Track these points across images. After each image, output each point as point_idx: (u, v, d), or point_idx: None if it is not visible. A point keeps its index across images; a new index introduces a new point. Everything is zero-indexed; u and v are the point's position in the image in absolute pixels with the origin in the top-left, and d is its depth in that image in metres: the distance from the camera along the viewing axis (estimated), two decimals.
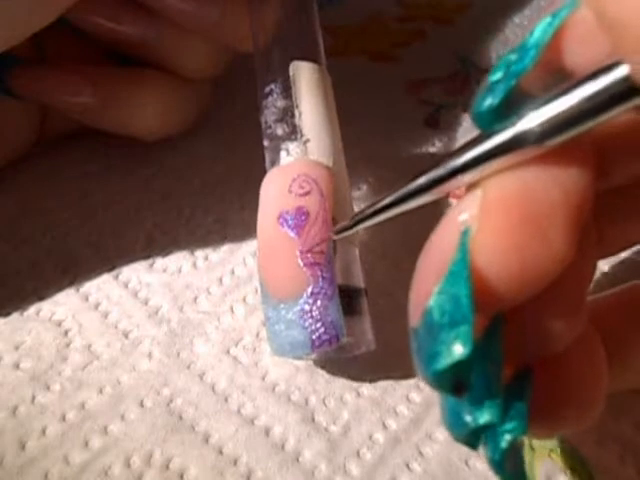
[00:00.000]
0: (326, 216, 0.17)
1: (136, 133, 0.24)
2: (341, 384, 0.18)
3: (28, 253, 0.21)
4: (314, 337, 0.16)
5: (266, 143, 0.19)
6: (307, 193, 0.17)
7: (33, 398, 0.17)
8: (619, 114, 0.10)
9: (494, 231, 0.11)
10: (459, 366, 0.11)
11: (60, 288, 0.20)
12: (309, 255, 0.16)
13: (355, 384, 0.18)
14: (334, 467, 0.16)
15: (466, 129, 0.27)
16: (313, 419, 0.17)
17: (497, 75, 0.12)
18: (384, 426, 0.17)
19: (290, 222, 0.17)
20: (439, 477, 0.16)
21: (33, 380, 0.18)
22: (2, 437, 0.16)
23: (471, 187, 0.12)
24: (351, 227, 0.15)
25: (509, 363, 0.12)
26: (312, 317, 0.16)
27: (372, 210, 0.14)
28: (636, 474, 0.16)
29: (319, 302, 0.16)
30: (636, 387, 0.16)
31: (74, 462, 0.16)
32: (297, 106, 0.18)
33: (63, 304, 0.20)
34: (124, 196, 0.24)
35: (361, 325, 0.17)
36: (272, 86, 0.19)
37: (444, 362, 0.11)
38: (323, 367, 0.18)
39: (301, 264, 0.16)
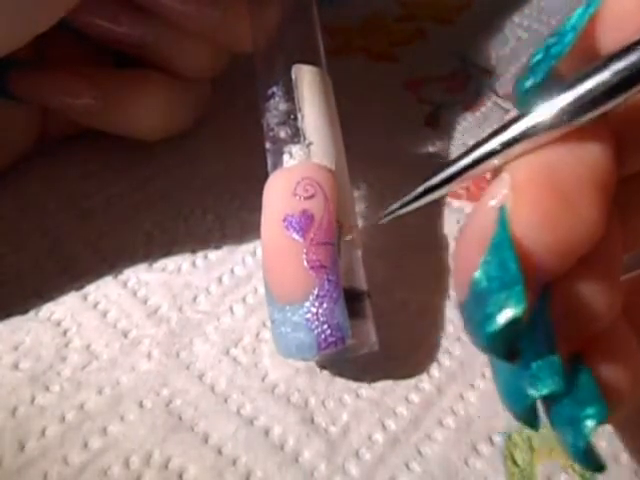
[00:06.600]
0: (331, 219, 0.17)
1: (136, 134, 0.24)
2: (340, 385, 0.18)
3: (28, 253, 0.21)
4: (320, 339, 0.16)
5: (268, 146, 0.19)
6: (312, 196, 0.17)
7: (32, 399, 0.17)
8: None
9: (527, 205, 0.11)
10: (513, 327, 0.11)
11: (60, 288, 0.20)
12: (315, 258, 0.16)
13: (354, 385, 0.18)
14: (333, 467, 0.16)
15: (466, 128, 0.27)
16: (312, 420, 0.17)
17: (537, 57, 0.12)
18: (383, 427, 0.17)
19: (295, 225, 0.17)
20: (438, 477, 0.16)
21: (32, 381, 0.18)
22: (1, 438, 0.16)
23: (495, 174, 0.12)
24: (398, 209, 0.15)
25: (561, 344, 0.12)
26: (318, 319, 0.16)
27: (414, 195, 0.14)
28: (634, 473, 0.16)
29: (325, 304, 0.16)
30: None
31: (73, 463, 0.16)
32: (300, 109, 0.18)
33: (62, 303, 0.20)
34: (124, 196, 0.24)
35: (365, 327, 0.17)
36: (274, 89, 0.19)
37: (498, 323, 0.11)
38: (323, 368, 0.18)
39: (307, 267, 0.16)
